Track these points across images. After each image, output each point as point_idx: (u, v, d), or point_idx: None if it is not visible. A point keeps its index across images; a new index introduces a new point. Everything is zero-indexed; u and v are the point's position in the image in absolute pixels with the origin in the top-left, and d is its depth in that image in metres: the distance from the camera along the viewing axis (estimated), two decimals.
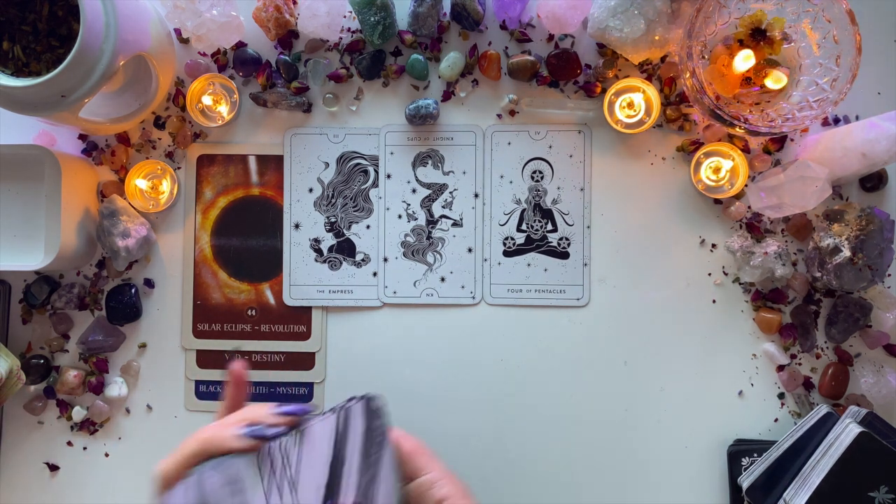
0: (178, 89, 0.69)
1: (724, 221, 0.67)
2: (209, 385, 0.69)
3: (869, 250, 0.61)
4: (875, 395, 0.65)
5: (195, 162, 0.69)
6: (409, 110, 0.67)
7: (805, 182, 0.61)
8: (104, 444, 0.69)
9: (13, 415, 0.69)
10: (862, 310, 0.65)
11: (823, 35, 0.61)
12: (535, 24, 0.68)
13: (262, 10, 0.66)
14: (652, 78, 0.67)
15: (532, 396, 0.67)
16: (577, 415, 0.67)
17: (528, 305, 0.67)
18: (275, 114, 0.69)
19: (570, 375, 0.67)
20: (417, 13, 0.66)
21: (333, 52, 0.69)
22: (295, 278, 0.69)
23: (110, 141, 0.70)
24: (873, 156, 0.60)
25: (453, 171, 0.68)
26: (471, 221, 0.68)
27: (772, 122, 0.60)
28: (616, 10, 0.62)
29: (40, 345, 0.70)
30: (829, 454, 0.59)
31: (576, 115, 0.68)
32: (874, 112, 0.64)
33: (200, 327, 0.69)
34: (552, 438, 0.67)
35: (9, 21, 0.59)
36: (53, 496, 0.69)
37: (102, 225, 0.66)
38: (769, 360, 0.67)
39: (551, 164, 0.68)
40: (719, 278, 0.67)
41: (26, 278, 0.70)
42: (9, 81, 0.55)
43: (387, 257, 0.68)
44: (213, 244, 0.69)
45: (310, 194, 0.69)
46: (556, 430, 0.67)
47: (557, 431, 0.67)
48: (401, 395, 0.68)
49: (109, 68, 0.57)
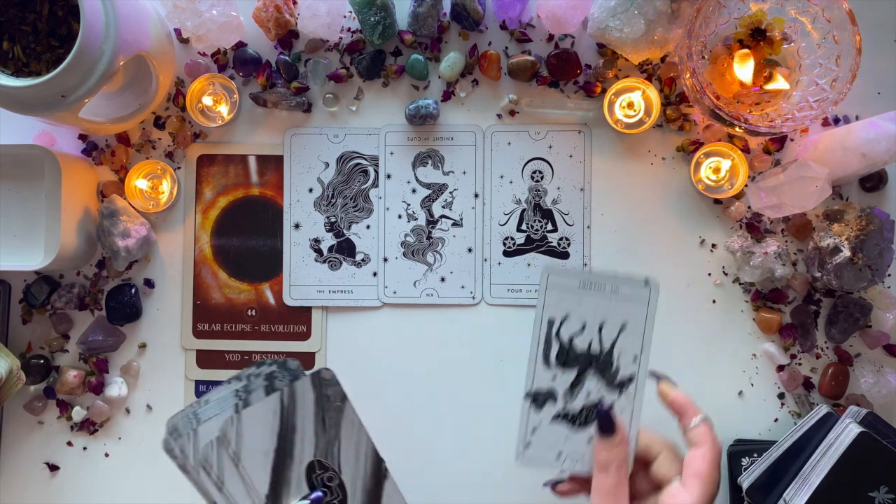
0: (178, 89, 0.69)
1: (724, 221, 0.67)
2: (209, 385, 0.69)
3: (869, 250, 0.61)
4: (875, 395, 0.65)
5: (195, 162, 0.69)
6: (409, 110, 0.67)
7: (805, 182, 0.61)
8: (104, 444, 0.69)
9: (13, 415, 0.69)
10: (862, 310, 0.65)
11: (823, 35, 0.61)
12: (535, 24, 0.68)
13: (262, 10, 0.66)
14: (652, 78, 0.67)
15: None
16: None
17: (529, 305, 0.67)
18: (275, 114, 0.69)
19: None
20: (417, 13, 0.66)
21: (333, 52, 0.69)
22: (295, 278, 0.69)
23: (110, 141, 0.70)
24: (873, 156, 0.60)
25: (453, 171, 0.68)
26: (471, 221, 0.68)
27: (772, 122, 0.60)
28: (616, 10, 0.62)
29: (40, 345, 0.70)
30: (829, 454, 0.59)
31: (576, 115, 0.68)
32: (874, 112, 0.64)
33: (200, 327, 0.69)
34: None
35: (9, 21, 0.59)
36: (53, 496, 0.69)
37: (102, 225, 0.66)
38: (769, 361, 0.67)
39: (551, 164, 0.68)
40: (719, 278, 0.67)
41: (26, 278, 0.70)
42: (9, 81, 0.55)
43: (387, 257, 0.68)
44: (213, 244, 0.69)
45: (310, 194, 0.69)
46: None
47: None
48: (401, 395, 0.68)
49: (109, 68, 0.57)
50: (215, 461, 0.54)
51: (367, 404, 0.59)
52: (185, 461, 0.54)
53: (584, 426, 0.52)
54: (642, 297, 0.52)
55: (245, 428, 0.54)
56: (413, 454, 0.67)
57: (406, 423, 0.68)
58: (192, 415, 0.56)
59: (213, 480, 0.54)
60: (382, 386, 0.68)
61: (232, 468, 0.54)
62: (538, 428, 0.52)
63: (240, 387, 0.58)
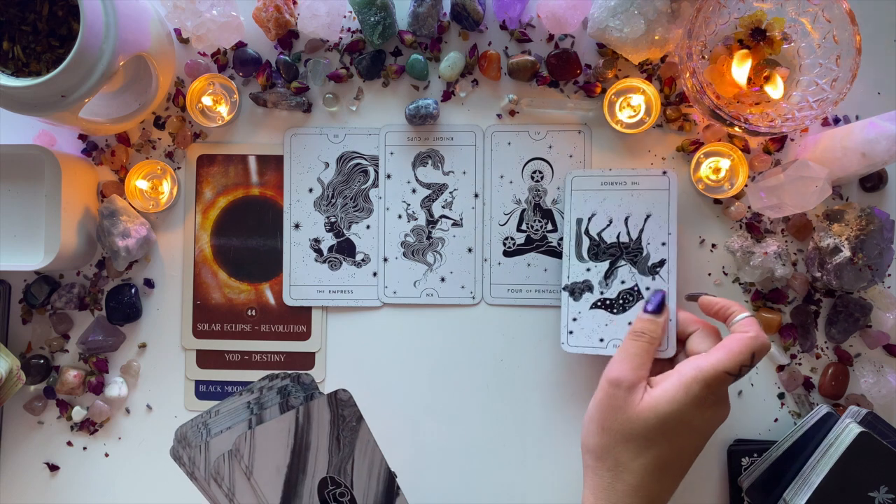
0: (178, 89, 0.69)
1: (724, 221, 0.67)
2: (209, 385, 0.69)
3: (869, 250, 0.61)
4: (875, 395, 0.65)
5: (195, 162, 0.70)
6: (409, 110, 0.67)
7: (805, 182, 0.61)
8: (104, 444, 0.69)
9: (13, 415, 0.69)
10: (862, 310, 0.65)
11: (823, 35, 0.61)
12: (535, 24, 0.68)
13: (262, 10, 0.66)
14: (652, 78, 0.67)
15: (532, 396, 0.67)
16: (577, 415, 0.67)
17: (528, 305, 0.67)
18: (275, 114, 0.69)
19: (570, 375, 0.67)
20: (417, 13, 0.66)
21: (333, 52, 0.69)
22: (295, 278, 0.69)
23: (110, 141, 0.70)
24: (873, 156, 0.60)
25: (453, 171, 0.68)
26: (471, 221, 0.68)
27: (772, 122, 0.60)
28: (616, 10, 0.62)
29: (40, 345, 0.70)
30: (829, 454, 0.59)
31: (576, 115, 0.68)
32: (874, 112, 0.64)
33: (200, 327, 0.69)
34: (553, 438, 0.67)
35: (9, 21, 0.59)
36: (53, 496, 0.69)
37: (102, 225, 0.66)
38: (769, 360, 0.67)
39: (551, 164, 0.68)
40: (719, 278, 0.67)
41: (26, 278, 0.70)
42: (9, 81, 0.55)
43: (387, 257, 0.68)
44: (213, 244, 0.69)
45: (310, 194, 0.69)
46: (556, 429, 0.67)
47: (558, 431, 0.67)
48: (400, 395, 0.68)
49: (109, 68, 0.57)
50: (227, 473, 0.54)
51: (367, 404, 0.59)
52: (194, 469, 0.54)
53: (622, 311, 0.56)
54: (662, 186, 0.56)
55: (259, 443, 0.54)
56: (413, 454, 0.67)
57: (406, 422, 0.68)
58: (203, 425, 0.56)
59: (224, 491, 0.54)
60: (382, 386, 0.68)
61: (244, 480, 0.54)
62: (578, 317, 0.56)
63: (252, 399, 0.58)
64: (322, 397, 0.56)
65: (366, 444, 0.57)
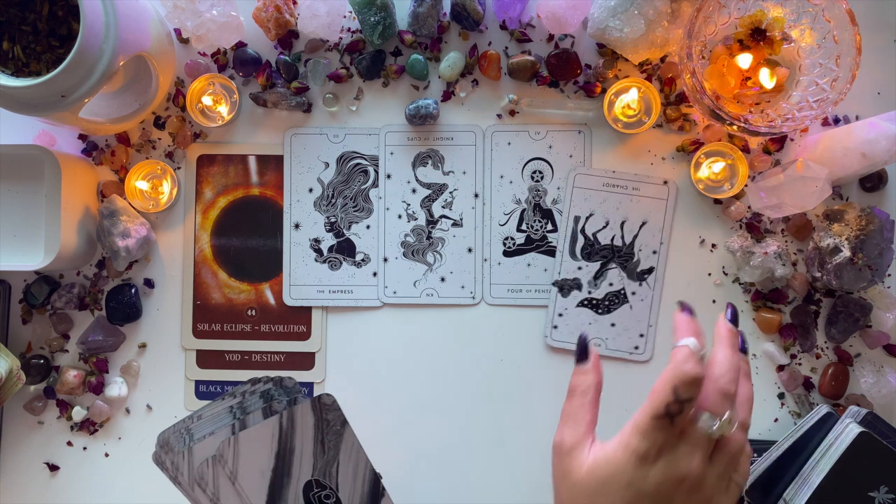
0: (178, 89, 0.69)
1: (724, 221, 0.67)
2: (209, 385, 0.69)
3: (869, 250, 0.61)
4: (875, 395, 0.65)
5: (195, 162, 0.70)
6: (409, 110, 0.67)
7: (805, 182, 0.61)
8: (104, 444, 0.69)
9: (13, 415, 0.69)
10: (862, 310, 0.65)
11: (823, 35, 0.61)
12: (535, 24, 0.68)
13: (262, 10, 0.66)
14: (652, 78, 0.67)
15: (532, 396, 0.67)
16: None
17: (528, 305, 0.67)
18: (275, 114, 0.69)
19: (570, 376, 0.67)
20: (417, 13, 0.66)
21: (333, 52, 0.69)
22: (295, 278, 0.69)
23: (110, 141, 0.70)
24: (873, 156, 0.60)
25: (453, 171, 0.68)
26: (471, 221, 0.68)
27: (772, 122, 0.60)
28: (616, 10, 0.62)
29: (40, 345, 0.70)
30: (829, 454, 0.59)
31: (576, 115, 0.68)
32: (874, 112, 0.64)
33: (200, 327, 0.69)
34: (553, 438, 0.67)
35: (9, 21, 0.59)
36: (53, 496, 0.69)
37: (102, 225, 0.66)
38: (769, 361, 0.67)
39: (551, 164, 0.68)
40: (719, 278, 0.67)
41: (26, 278, 0.70)
42: (9, 81, 0.55)
43: (387, 257, 0.68)
44: (213, 244, 0.69)
45: (310, 194, 0.69)
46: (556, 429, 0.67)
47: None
48: (401, 395, 0.68)
49: (109, 68, 0.57)
50: (211, 478, 0.54)
51: (366, 404, 0.59)
52: (177, 474, 0.54)
53: (607, 312, 0.57)
54: (662, 195, 0.57)
55: (242, 448, 0.54)
56: (412, 454, 0.67)
57: (406, 423, 0.68)
58: (185, 430, 0.56)
59: (209, 496, 0.54)
60: (382, 386, 0.68)
61: (228, 485, 0.54)
62: (564, 313, 0.57)
63: (234, 403, 0.58)
64: (306, 402, 0.57)
65: (350, 447, 0.57)
